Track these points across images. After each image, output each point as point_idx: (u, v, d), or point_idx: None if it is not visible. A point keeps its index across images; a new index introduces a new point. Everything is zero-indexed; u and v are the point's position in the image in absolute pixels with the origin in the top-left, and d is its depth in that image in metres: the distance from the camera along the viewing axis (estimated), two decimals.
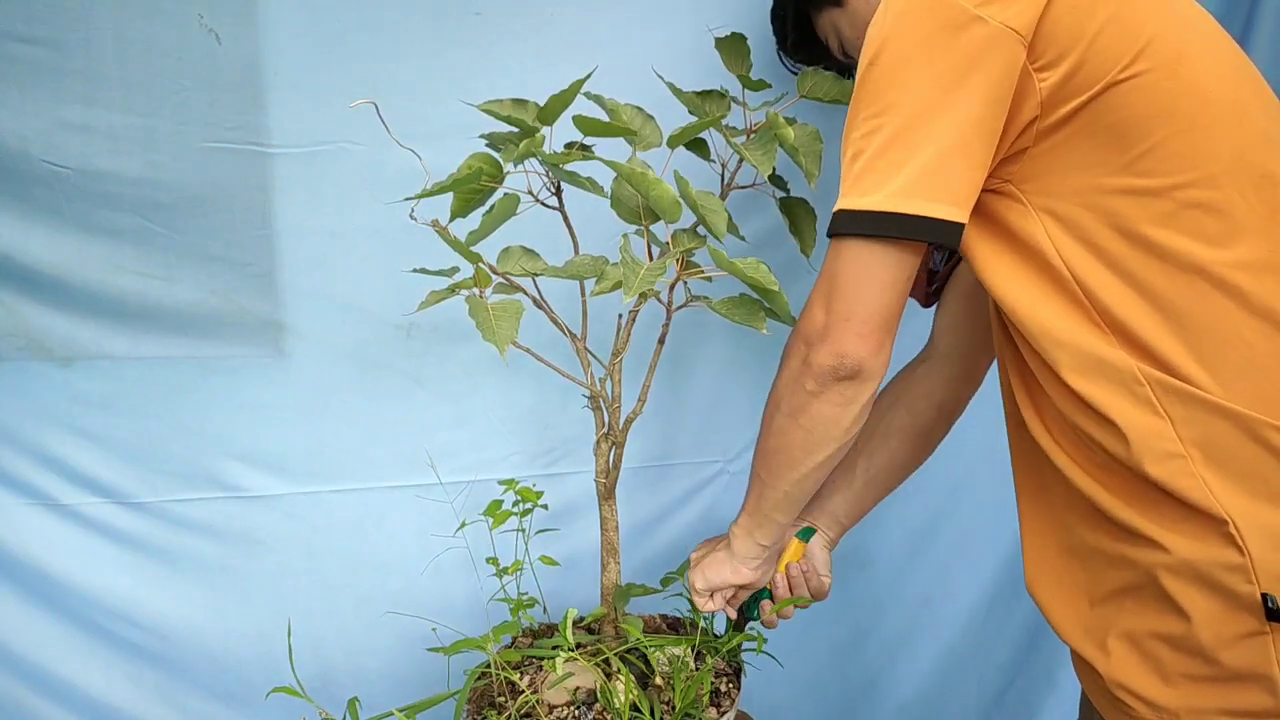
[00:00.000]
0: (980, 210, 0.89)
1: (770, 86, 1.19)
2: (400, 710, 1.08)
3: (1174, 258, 0.84)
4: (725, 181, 1.21)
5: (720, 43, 1.20)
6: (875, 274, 0.87)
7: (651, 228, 1.13)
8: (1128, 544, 0.89)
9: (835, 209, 0.88)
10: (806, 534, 1.22)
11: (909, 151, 0.83)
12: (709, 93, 1.19)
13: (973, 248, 0.92)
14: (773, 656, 1.24)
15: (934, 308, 1.27)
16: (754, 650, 1.23)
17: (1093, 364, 0.87)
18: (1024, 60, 0.82)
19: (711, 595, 1.16)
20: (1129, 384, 0.85)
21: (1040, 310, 0.88)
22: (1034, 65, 0.83)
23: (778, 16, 1.23)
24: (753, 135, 1.18)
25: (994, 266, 0.91)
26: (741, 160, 1.15)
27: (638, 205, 1.11)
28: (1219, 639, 0.85)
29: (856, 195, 0.85)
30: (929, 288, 1.24)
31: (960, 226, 0.85)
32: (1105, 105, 0.83)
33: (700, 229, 1.09)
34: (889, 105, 0.84)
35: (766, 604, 1.20)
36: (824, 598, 1.23)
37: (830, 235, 0.90)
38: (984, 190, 0.88)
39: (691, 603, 1.18)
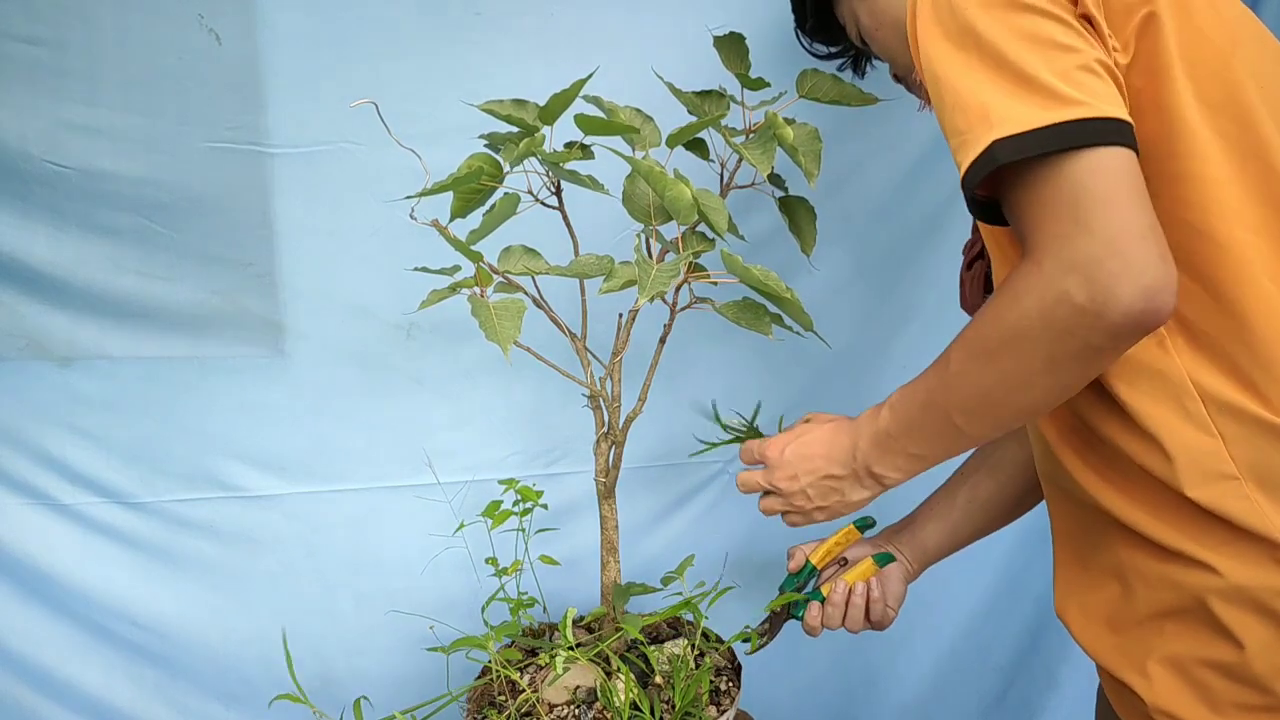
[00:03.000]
0: None
1: (769, 85, 1.19)
2: (403, 713, 1.08)
3: (1237, 251, 0.79)
4: (724, 181, 1.21)
5: (719, 41, 1.20)
6: (1138, 182, 0.71)
7: (659, 228, 1.13)
8: (1172, 565, 0.85)
9: (1006, 134, 0.72)
10: (884, 559, 1.18)
11: (1054, 63, 0.73)
12: (708, 92, 1.19)
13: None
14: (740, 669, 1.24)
15: None
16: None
17: (1143, 373, 0.82)
18: (1103, 23, 0.78)
19: (795, 494, 1.01)
20: (1180, 398, 0.81)
21: None
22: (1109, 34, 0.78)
23: None
24: (752, 135, 1.18)
25: None
26: (741, 160, 1.15)
27: (649, 204, 1.11)
28: (1274, 668, 0.81)
29: (1036, 113, 0.71)
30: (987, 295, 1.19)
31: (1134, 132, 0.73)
32: (1161, 96, 0.79)
33: (709, 233, 1.09)
34: (1001, 33, 0.75)
35: (816, 606, 1.16)
36: (883, 629, 1.19)
37: (979, 197, 0.79)
38: None
39: (692, 608, 1.17)
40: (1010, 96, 0.73)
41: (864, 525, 1.20)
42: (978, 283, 1.15)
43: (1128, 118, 0.72)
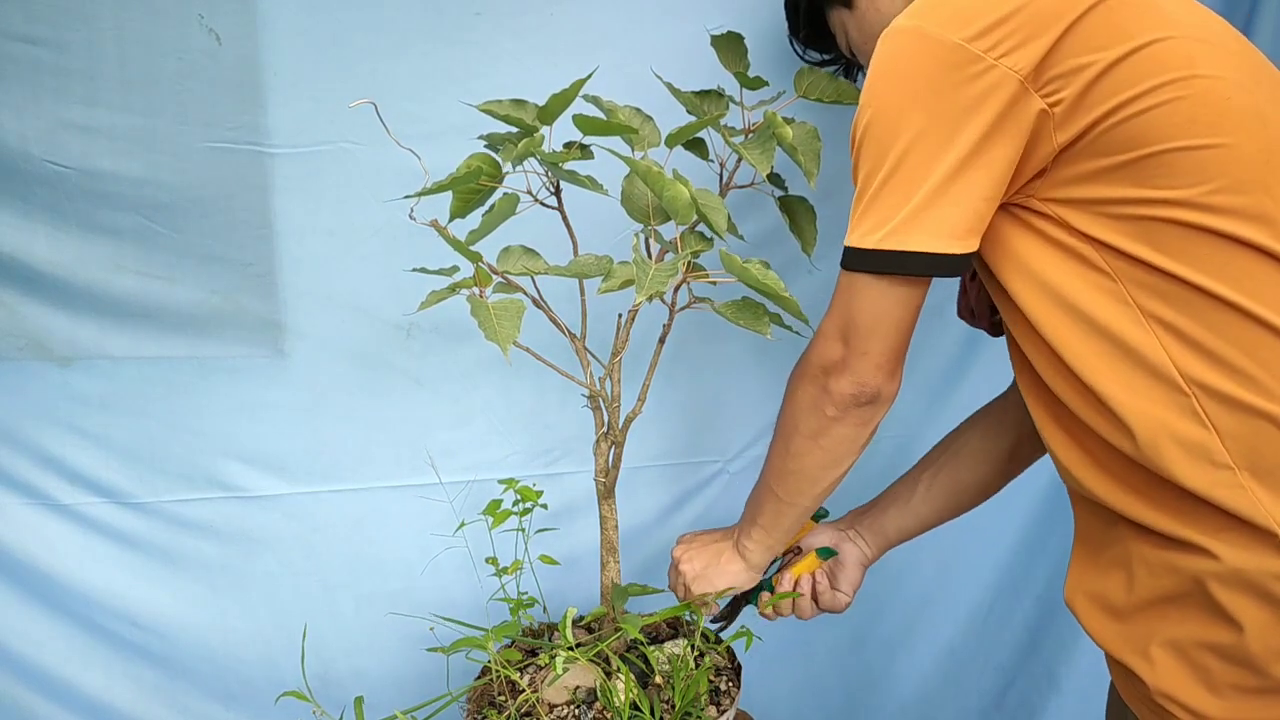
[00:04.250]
0: (1010, 223, 0.89)
1: (768, 84, 1.19)
2: (403, 713, 1.08)
3: (1207, 262, 0.82)
4: (724, 181, 1.21)
5: (716, 40, 1.20)
6: (888, 311, 0.92)
7: (658, 228, 1.13)
8: (1172, 552, 0.87)
9: (844, 244, 0.92)
10: (826, 554, 1.21)
11: (909, 189, 0.86)
12: (707, 92, 1.19)
13: (1002, 263, 0.91)
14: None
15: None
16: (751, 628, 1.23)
17: (1133, 370, 0.85)
18: (1031, 93, 0.82)
19: (683, 559, 1.22)
20: (1172, 393, 0.83)
21: (1076, 313, 0.87)
22: (1042, 93, 0.82)
23: (790, 6, 1.24)
24: (751, 135, 1.18)
25: (1022, 273, 0.89)
26: (740, 159, 1.15)
27: (647, 204, 1.11)
28: (1270, 650, 0.82)
29: (860, 234, 0.89)
30: (993, 316, 1.18)
31: (964, 258, 0.86)
32: (1119, 127, 0.82)
33: (708, 233, 1.09)
34: (889, 145, 0.87)
35: (766, 596, 1.22)
36: (838, 612, 1.23)
37: (842, 267, 0.93)
38: (1010, 204, 0.89)
39: (693, 610, 1.19)
40: (869, 208, 0.89)
41: (818, 515, 1.24)
42: (983, 291, 1.15)
43: (951, 249, 0.86)
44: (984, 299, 1.16)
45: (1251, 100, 0.84)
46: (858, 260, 0.90)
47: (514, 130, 1.08)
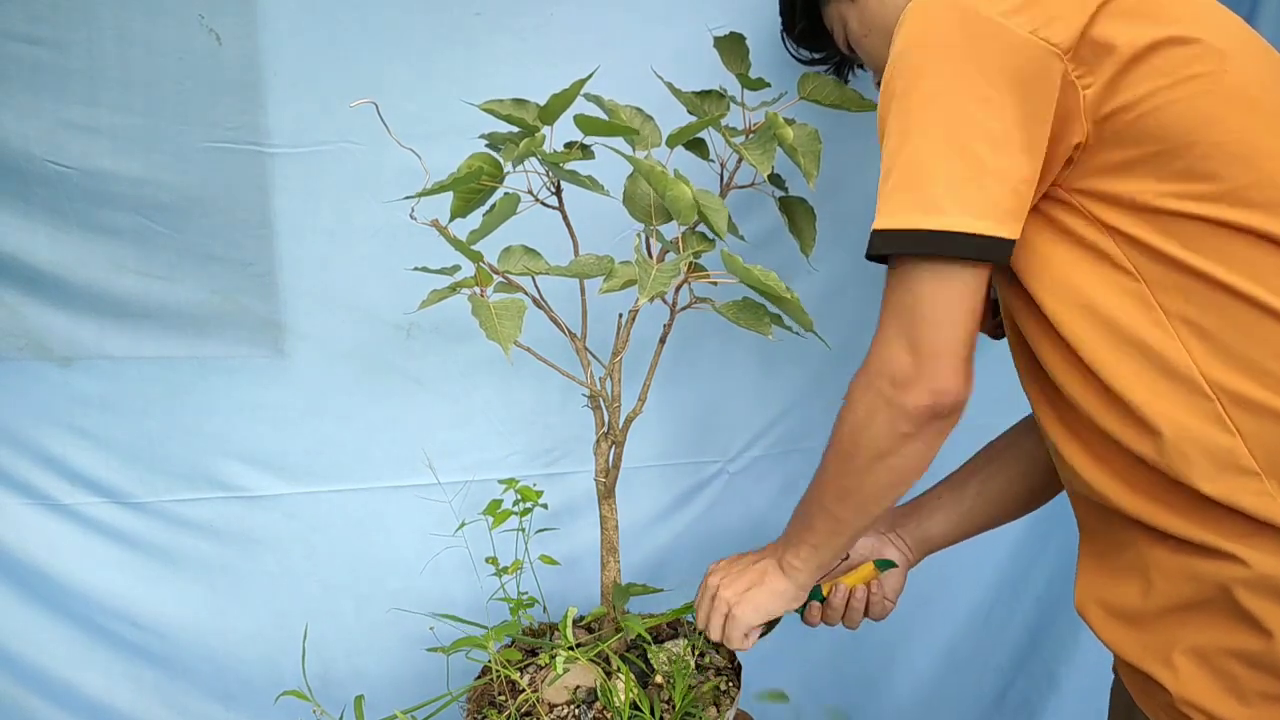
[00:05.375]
0: (1034, 221, 0.87)
1: (769, 86, 1.19)
2: (403, 713, 1.08)
3: (1234, 259, 0.81)
4: (724, 181, 1.21)
5: (719, 42, 1.20)
6: (953, 299, 0.83)
7: (659, 228, 1.13)
8: (1192, 558, 0.85)
9: (875, 226, 0.84)
10: (885, 565, 1.17)
11: (948, 165, 0.82)
12: (708, 93, 1.19)
13: (1024, 264, 0.89)
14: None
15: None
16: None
17: (1156, 373, 0.84)
18: (1064, 70, 0.81)
19: (721, 584, 1.11)
20: (1195, 397, 0.82)
21: (1101, 318, 0.85)
22: (1076, 73, 0.81)
23: (786, 2, 1.22)
24: (752, 135, 1.18)
25: (1046, 276, 0.87)
26: (740, 160, 1.15)
27: (650, 204, 1.11)
28: None
29: (894, 213, 0.83)
30: (994, 318, 1.15)
31: (1009, 244, 0.82)
32: (1149, 116, 0.81)
33: (709, 233, 1.09)
34: (924, 117, 0.83)
35: (815, 606, 1.16)
36: (882, 620, 1.19)
37: (878, 257, 0.87)
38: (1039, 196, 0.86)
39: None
40: (899, 187, 0.83)
41: (884, 567, 1.19)
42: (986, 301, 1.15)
43: (996, 232, 0.81)
44: (986, 308, 1.15)
45: (1274, 97, 0.84)
46: (894, 242, 0.83)
47: (515, 130, 1.08)
